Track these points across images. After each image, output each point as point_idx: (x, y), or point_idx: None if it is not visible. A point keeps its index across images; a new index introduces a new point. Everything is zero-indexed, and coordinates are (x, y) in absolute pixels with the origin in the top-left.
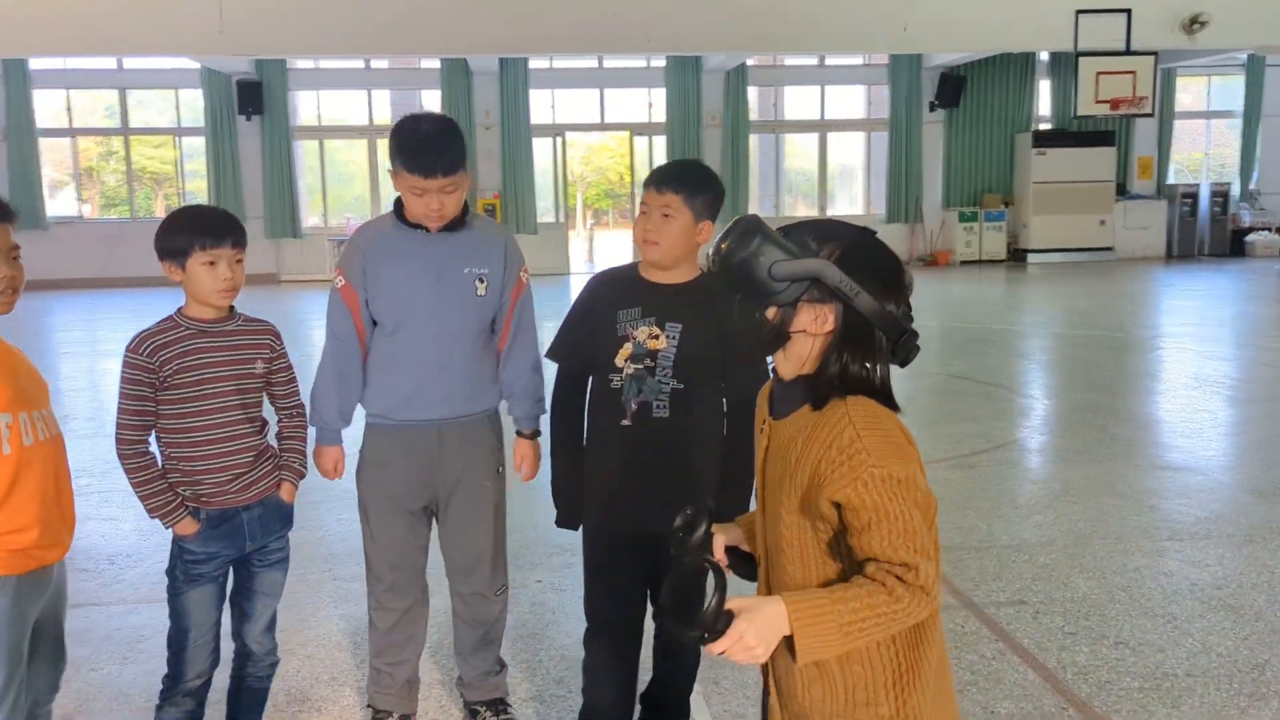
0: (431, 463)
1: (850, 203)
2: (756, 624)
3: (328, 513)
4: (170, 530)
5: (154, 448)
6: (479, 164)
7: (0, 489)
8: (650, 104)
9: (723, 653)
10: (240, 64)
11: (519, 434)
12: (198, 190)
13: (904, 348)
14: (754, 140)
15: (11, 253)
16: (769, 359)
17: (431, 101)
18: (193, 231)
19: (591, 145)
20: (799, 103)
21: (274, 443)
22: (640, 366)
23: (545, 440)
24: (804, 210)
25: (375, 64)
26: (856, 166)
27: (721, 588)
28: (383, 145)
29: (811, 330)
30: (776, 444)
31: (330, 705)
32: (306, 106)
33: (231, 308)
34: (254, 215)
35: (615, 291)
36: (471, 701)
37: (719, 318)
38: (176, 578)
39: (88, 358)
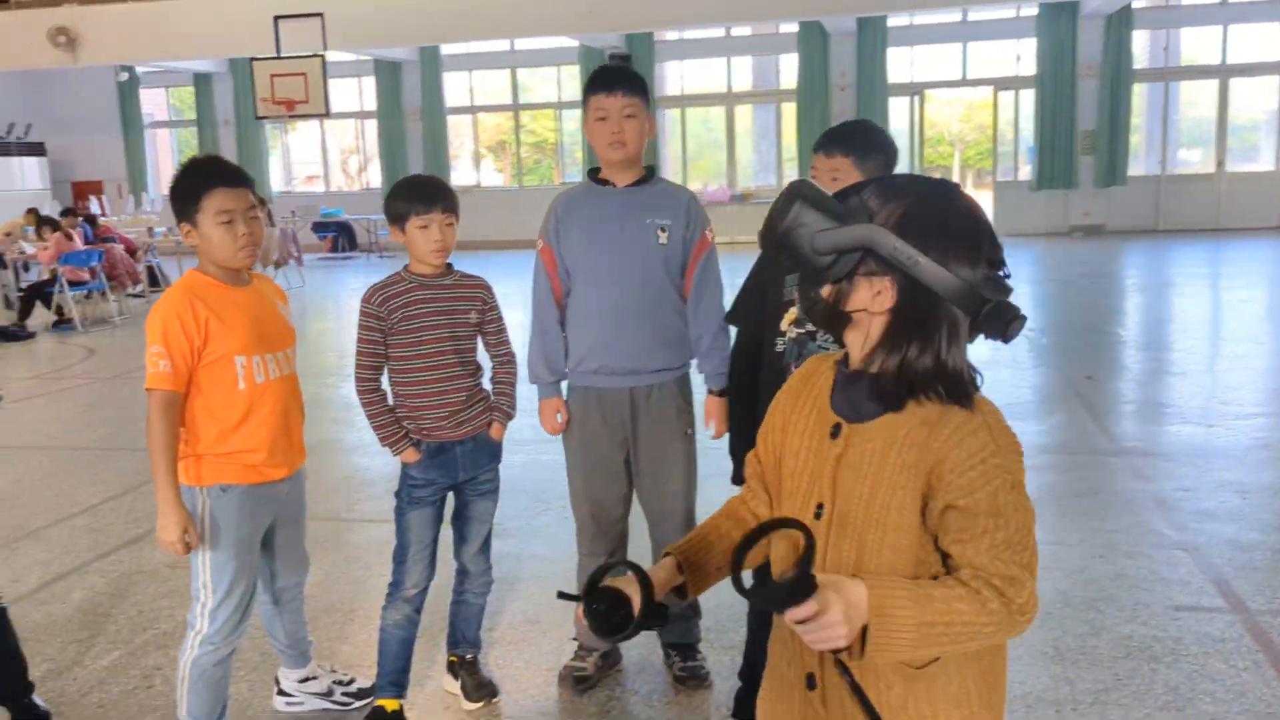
0: (624, 425)
1: (1253, 159)
2: (846, 599)
3: None
4: (397, 458)
5: (386, 385)
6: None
7: (236, 416)
8: (1018, 56)
9: (802, 624)
10: (613, 39)
11: (709, 391)
12: (576, 160)
13: (991, 319)
14: (1138, 90)
15: (250, 212)
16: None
17: (789, 65)
18: (409, 199)
19: (948, 102)
20: (1196, 46)
21: (488, 386)
22: (803, 331)
23: None
24: (1196, 169)
25: (735, 32)
26: (1267, 117)
27: (809, 548)
28: (740, 112)
29: (872, 309)
30: (860, 451)
31: (556, 630)
32: (671, 76)
33: (449, 264)
34: None
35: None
36: (665, 642)
37: None
38: (401, 500)
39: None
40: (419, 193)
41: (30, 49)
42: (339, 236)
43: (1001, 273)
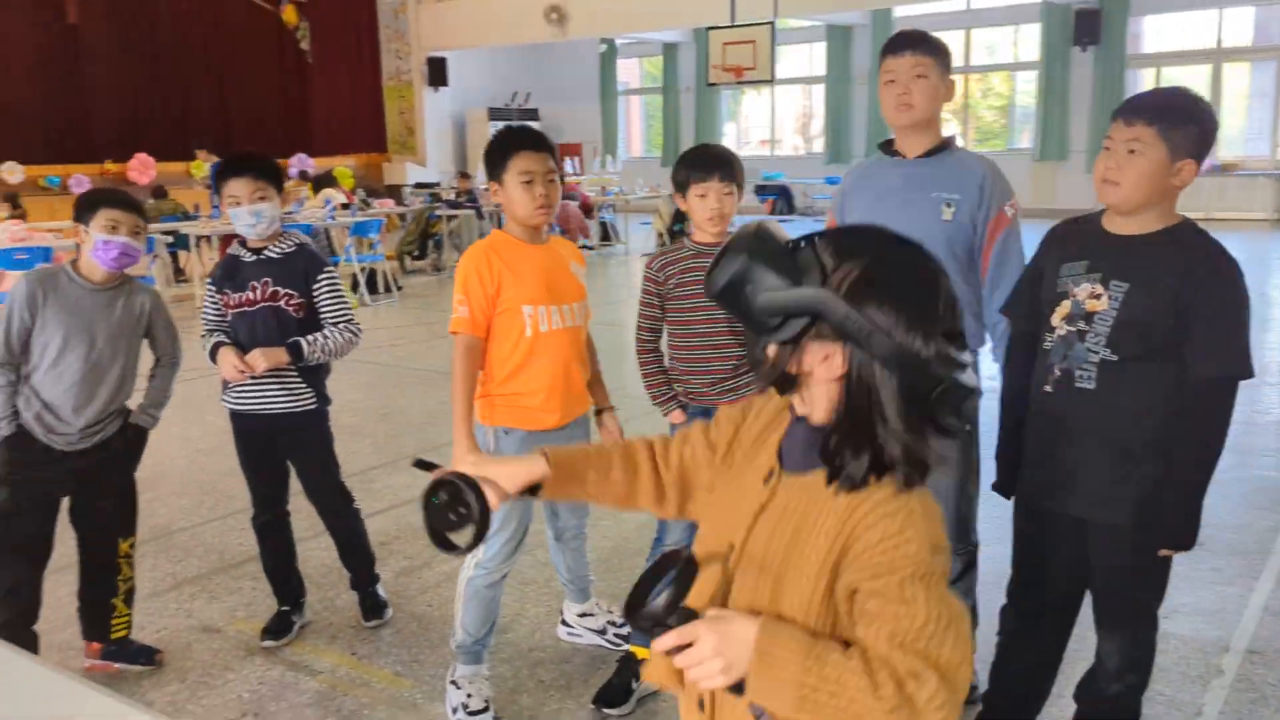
0: None
1: None
2: (722, 633)
3: None
4: (665, 417)
5: (664, 346)
6: None
7: (518, 361)
8: None
9: (673, 654)
10: None
11: None
12: (1025, 124)
13: (942, 402)
14: None
15: (548, 176)
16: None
17: None
18: (689, 167)
19: None
20: None
21: None
22: (1072, 329)
23: None
24: None
25: None
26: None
27: (685, 578)
28: (1232, 71)
29: (820, 374)
30: (784, 502)
31: None
32: (1149, 32)
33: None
34: (1076, 150)
35: (1067, 242)
36: None
37: (1177, 276)
38: None
39: None
40: (699, 161)
41: (529, 26)
42: (778, 199)
43: (957, 346)
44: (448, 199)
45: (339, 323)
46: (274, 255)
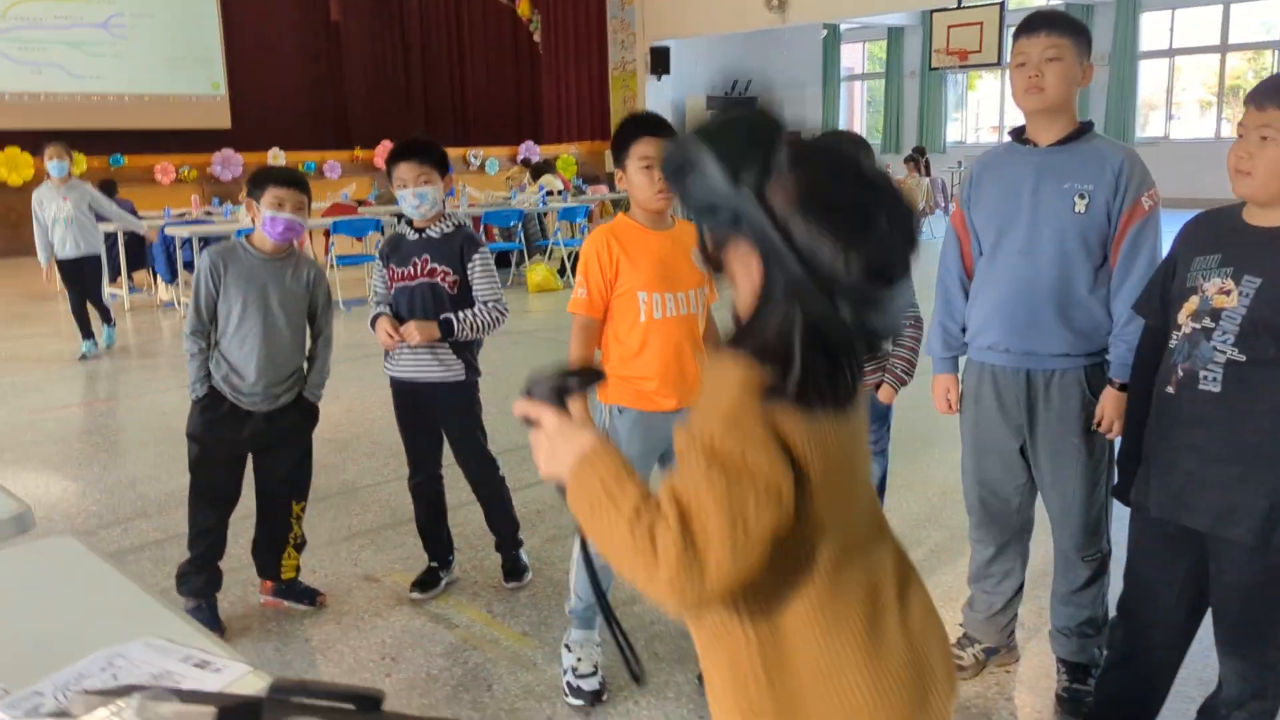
0: (1020, 410)
1: None
2: (563, 431)
3: None
4: None
5: None
6: None
7: (635, 345)
8: None
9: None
10: None
11: (1108, 381)
12: None
13: (833, 330)
14: None
15: None
16: None
17: None
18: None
19: None
20: None
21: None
22: (1198, 326)
23: None
24: None
25: None
26: None
27: (575, 375)
28: None
29: (741, 276)
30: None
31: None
32: None
33: None
34: None
35: (1202, 234)
36: (1058, 656)
37: None
38: None
39: None
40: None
41: (749, 13)
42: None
43: (880, 282)
44: None
45: (488, 301)
46: (434, 235)
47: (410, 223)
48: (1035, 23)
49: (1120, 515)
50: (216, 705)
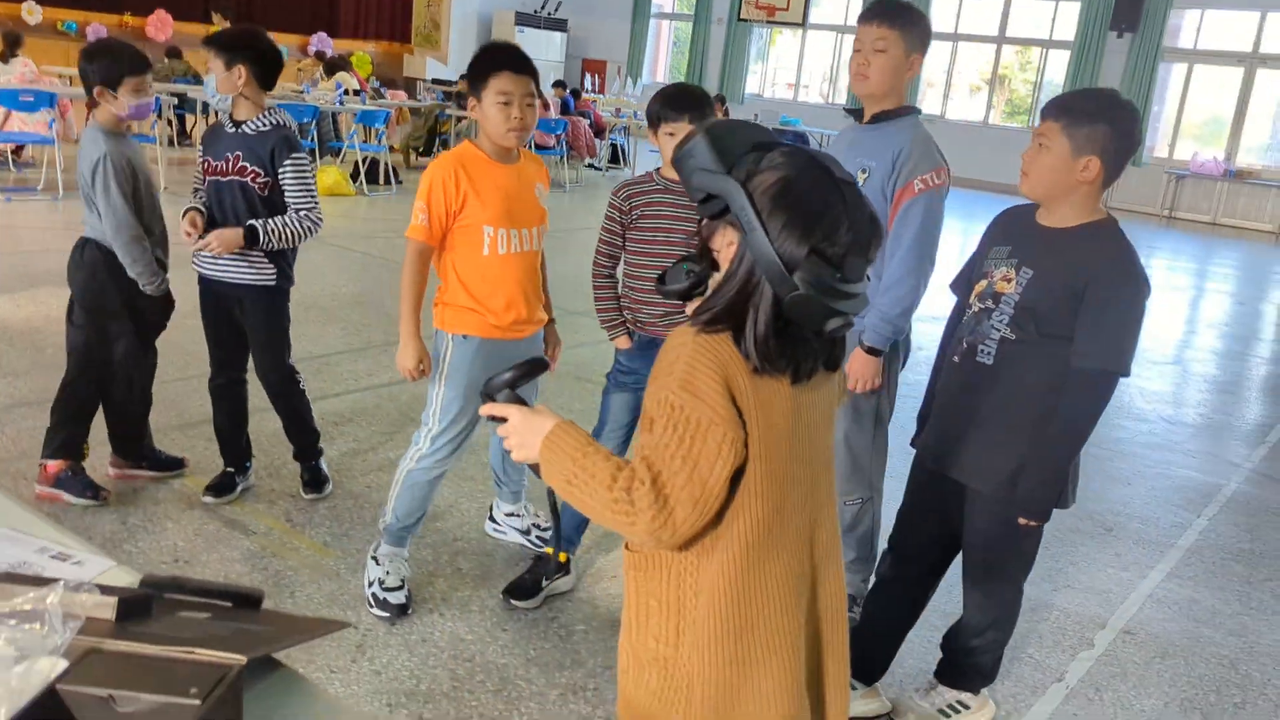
0: None
1: None
2: (527, 420)
3: None
4: (611, 341)
5: (620, 273)
6: None
7: (479, 278)
8: None
9: (493, 421)
10: None
11: (859, 342)
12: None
13: (798, 308)
14: None
15: (526, 99)
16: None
17: None
18: (662, 105)
19: None
20: None
21: None
22: (983, 306)
23: None
24: None
25: None
26: None
27: (524, 371)
28: (1265, 78)
29: (722, 254)
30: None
31: None
32: (1188, 26)
33: None
34: None
35: (1002, 228)
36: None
37: (1077, 270)
38: (609, 381)
39: None
40: (673, 100)
41: None
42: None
43: (838, 272)
44: (459, 100)
45: (300, 209)
46: (249, 131)
47: (232, 113)
48: (871, 12)
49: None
50: (119, 598)
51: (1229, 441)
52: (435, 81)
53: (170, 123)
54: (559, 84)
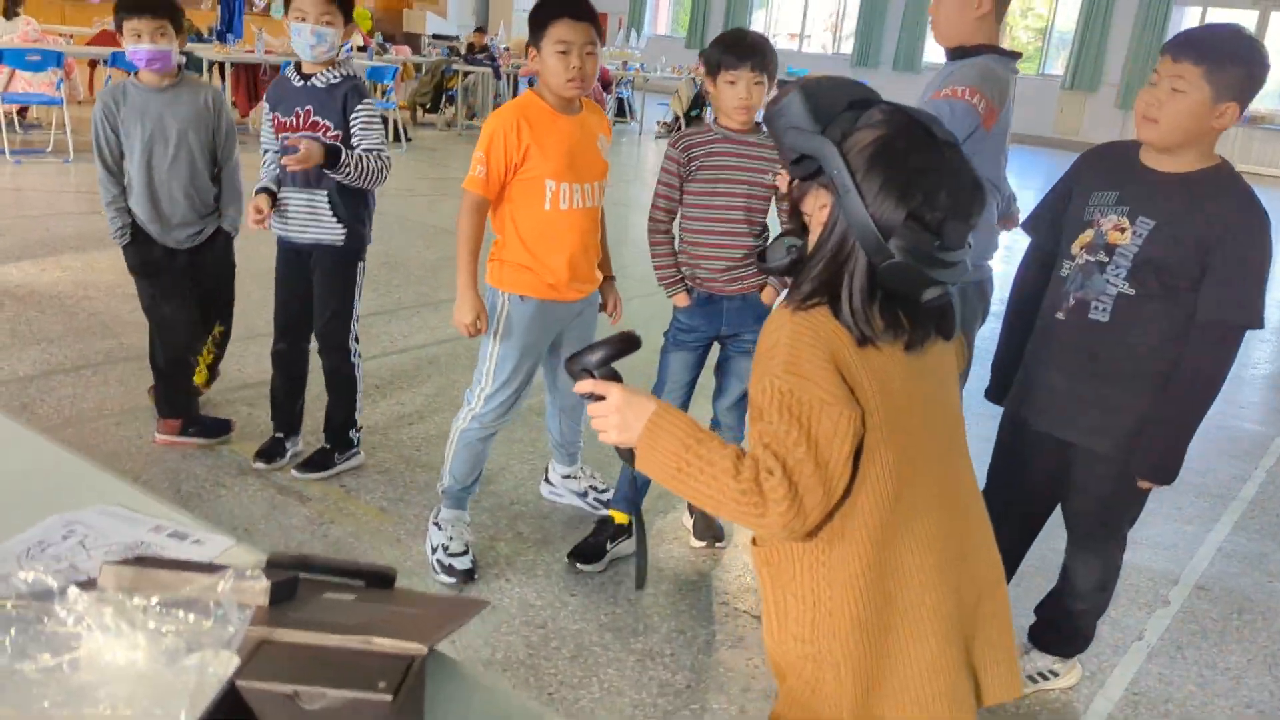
0: None
1: None
2: (628, 399)
3: None
4: (670, 299)
5: (676, 229)
6: None
7: (539, 234)
8: None
9: (587, 400)
10: None
11: None
12: (1061, 50)
13: (893, 275)
14: None
15: (587, 48)
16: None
17: None
18: (722, 52)
19: None
20: None
21: None
22: (1092, 259)
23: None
24: None
25: None
26: None
27: (618, 348)
28: (1277, 18)
29: (815, 217)
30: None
31: None
32: None
33: (758, 124)
34: (1109, 82)
35: (1100, 170)
36: None
37: (1205, 220)
38: (667, 340)
39: None
40: (733, 47)
41: None
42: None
43: (938, 239)
44: (465, 55)
45: (371, 150)
46: (319, 85)
47: (299, 66)
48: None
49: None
50: (269, 582)
51: None
52: (436, 37)
53: None
54: None
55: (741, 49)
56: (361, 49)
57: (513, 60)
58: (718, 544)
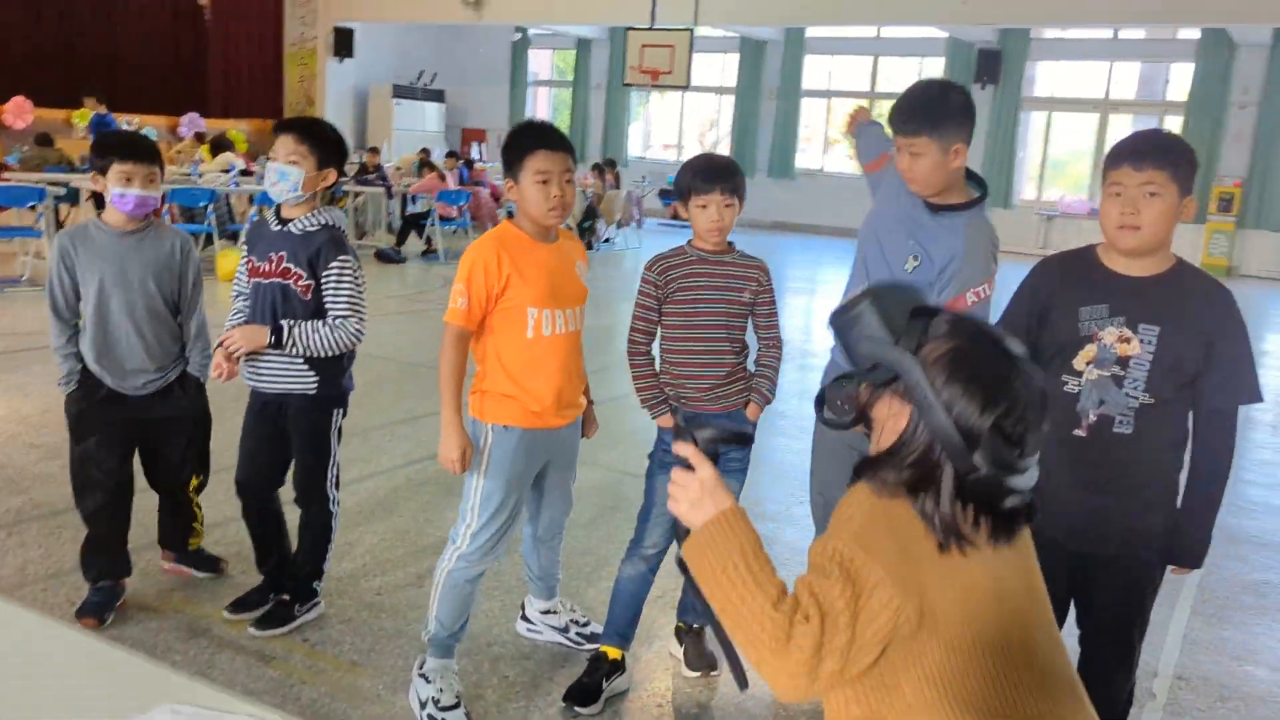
0: None
1: None
2: (715, 484)
3: None
4: (654, 420)
5: (655, 352)
6: (1226, 147)
7: (522, 363)
8: None
9: (675, 463)
10: (985, 33)
11: None
12: None
13: (979, 489)
14: None
15: (565, 176)
16: None
17: (1181, 75)
18: (692, 177)
19: None
20: None
21: (751, 367)
22: (1105, 374)
23: None
24: None
25: (1124, 34)
26: None
27: (733, 433)
28: (1117, 122)
29: (886, 425)
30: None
31: None
32: (1042, 77)
33: (730, 243)
34: None
35: (1073, 283)
36: None
37: (1201, 316)
38: (653, 462)
39: (805, 294)
40: (702, 172)
41: (445, 6)
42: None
43: (1011, 447)
44: (355, 175)
45: (337, 318)
46: (295, 231)
47: (279, 210)
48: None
49: None
50: None
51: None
52: None
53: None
54: (451, 154)
55: (710, 173)
56: (246, 173)
57: (403, 179)
58: (712, 672)
